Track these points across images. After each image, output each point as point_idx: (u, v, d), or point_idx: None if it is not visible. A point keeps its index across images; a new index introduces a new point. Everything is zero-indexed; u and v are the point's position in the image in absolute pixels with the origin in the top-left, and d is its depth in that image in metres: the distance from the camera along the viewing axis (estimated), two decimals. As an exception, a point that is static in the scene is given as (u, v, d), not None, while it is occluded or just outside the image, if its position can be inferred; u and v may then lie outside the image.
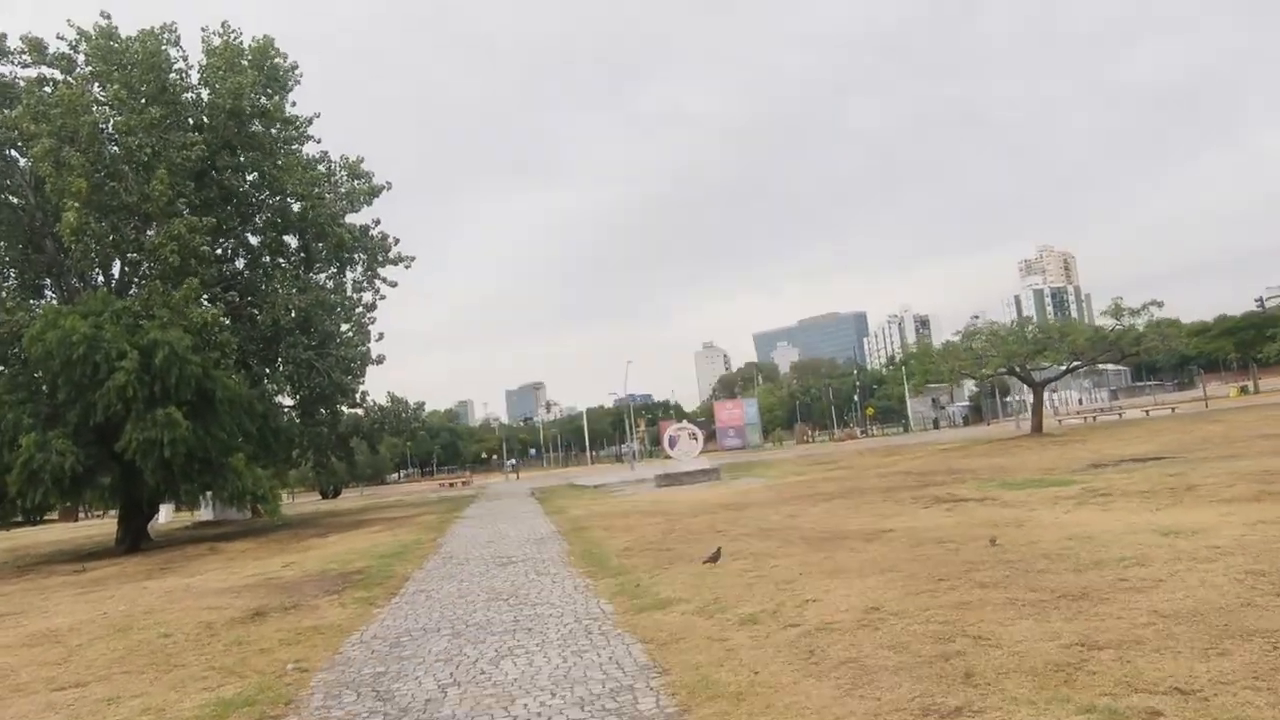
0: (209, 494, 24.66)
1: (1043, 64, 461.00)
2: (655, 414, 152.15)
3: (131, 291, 25.84)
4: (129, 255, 26.18)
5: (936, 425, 75.84)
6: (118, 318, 22.99)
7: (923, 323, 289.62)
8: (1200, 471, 13.82)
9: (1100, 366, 61.81)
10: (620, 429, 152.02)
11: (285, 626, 8.54)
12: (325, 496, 64.23)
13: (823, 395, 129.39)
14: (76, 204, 23.04)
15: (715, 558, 9.63)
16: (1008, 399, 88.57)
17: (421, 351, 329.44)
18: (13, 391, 22.96)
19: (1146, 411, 45.89)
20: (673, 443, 29.44)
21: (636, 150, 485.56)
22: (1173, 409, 45.53)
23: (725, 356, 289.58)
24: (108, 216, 24.45)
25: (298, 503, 60.05)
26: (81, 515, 61.80)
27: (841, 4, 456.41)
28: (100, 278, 26.85)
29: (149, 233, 24.98)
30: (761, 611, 6.96)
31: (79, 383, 22.12)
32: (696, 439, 28.92)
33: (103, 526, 38.94)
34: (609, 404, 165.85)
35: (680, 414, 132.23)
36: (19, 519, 36.19)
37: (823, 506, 14.49)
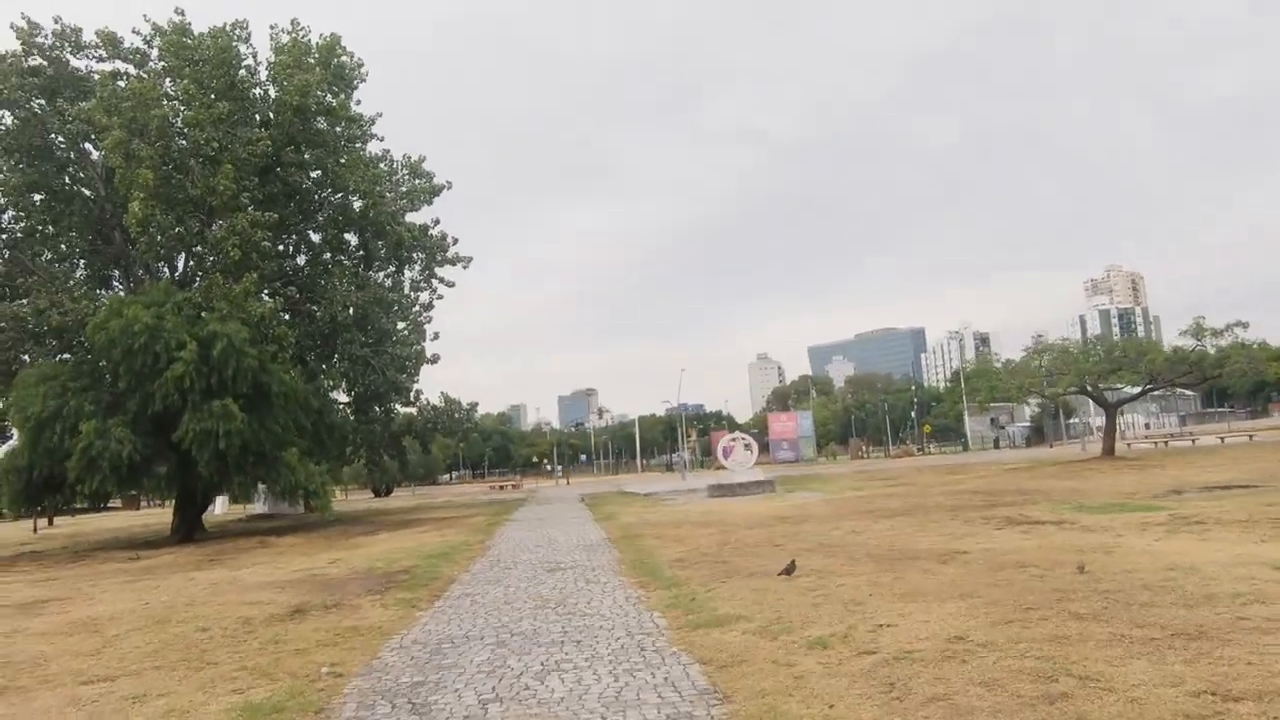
0: (262, 487, 24.65)
1: (1109, 82, 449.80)
2: (707, 424, 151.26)
3: (195, 285, 26.05)
4: (193, 249, 26.45)
5: (996, 445, 73.80)
6: (179, 309, 23.20)
7: (983, 340, 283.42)
8: (1301, 502, 12.81)
9: (1170, 391, 59.50)
10: (671, 438, 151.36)
11: (324, 626, 8.18)
12: (377, 494, 64.81)
13: (878, 411, 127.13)
14: (143, 195, 23.33)
15: (790, 570, 9.03)
16: (1071, 421, 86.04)
17: (477, 354, 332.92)
18: (77, 379, 23.26)
19: (1221, 438, 43.91)
20: (727, 453, 28.79)
21: (698, 165, 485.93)
22: (1250, 436, 43.49)
23: (779, 369, 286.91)
24: (173, 209, 24.70)
25: (350, 500, 60.72)
26: (143, 504, 63.41)
27: (906, 22, 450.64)
28: (165, 270, 27.17)
29: (213, 227, 25.16)
30: (831, 635, 6.36)
31: (139, 372, 22.33)
32: (751, 449, 28.23)
33: (162, 515, 39.64)
34: (660, 412, 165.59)
35: (732, 425, 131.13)
36: (82, 505, 37.14)
37: (886, 523, 13.78)
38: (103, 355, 22.91)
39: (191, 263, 27.27)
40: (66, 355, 25.35)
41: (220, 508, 42.45)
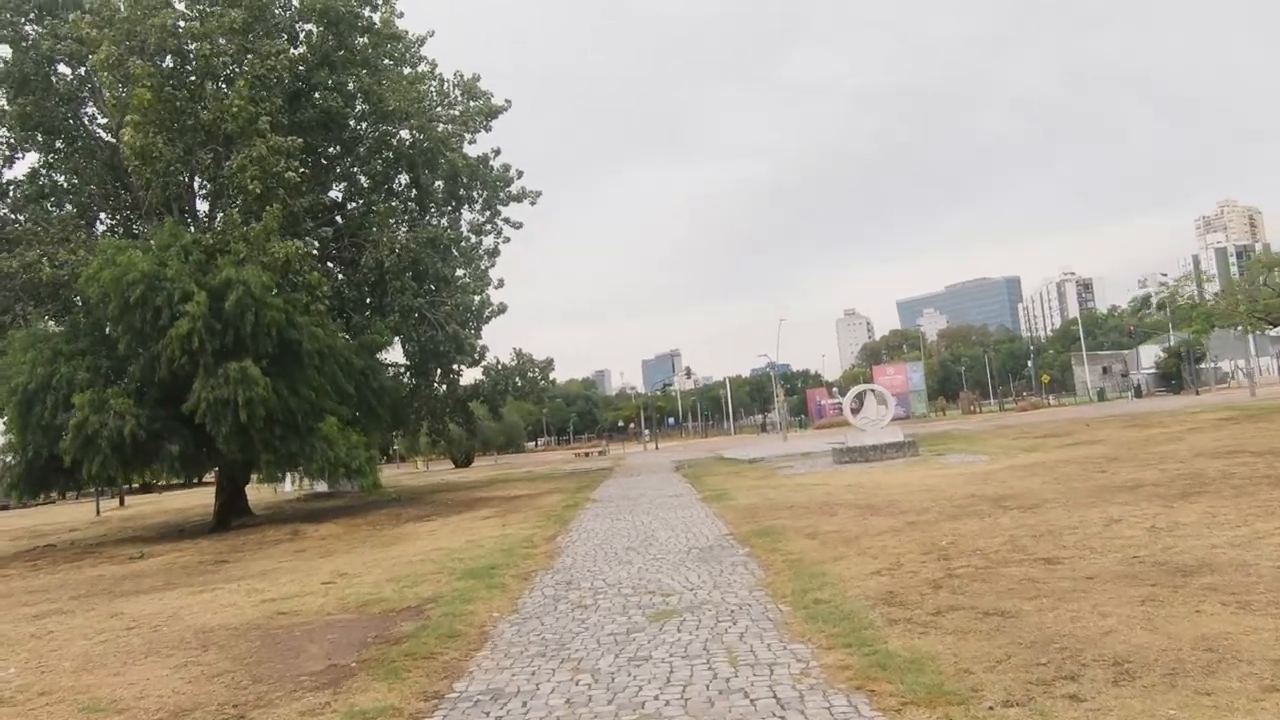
0: (297, 468, 20.58)
1: (1206, 8, 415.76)
2: (794, 383, 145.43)
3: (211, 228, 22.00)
4: (206, 185, 22.42)
5: (1139, 393, 66.31)
6: (186, 254, 19.13)
7: (1085, 287, 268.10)
8: None
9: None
10: (758, 399, 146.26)
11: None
12: (457, 465, 61.56)
13: (982, 363, 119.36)
14: (138, 118, 19.25)
15: None
16: (1202, 365, 77.48)
17: (557, 322, 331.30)
18: (72, 342, 19.51)
19: None
20: (856, 407, 23.62)
21: (777, 120, 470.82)
22: None
23: (868, 324, 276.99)
24: (180, 138, 20.62)
25: (430, 471, 57.43)
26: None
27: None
28: (180, 215, 23.16)
29: (229, 161, 20.96)
30: None
31: (140, 331, 18.40)
32: (887, 403, 22.95)
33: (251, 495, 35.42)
34: (745, 373, 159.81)
35: (819, 383, 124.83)
36: (176, 481, 33.89)
37: (1190, 509, 8.57)
38: (98, 312, 19.06)
39: (220, 203, 23.21)
40: (67, 318, 21.62)
41: (289, 484, 39.21)
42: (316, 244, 22.75)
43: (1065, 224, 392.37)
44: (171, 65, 21.49)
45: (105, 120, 23.49)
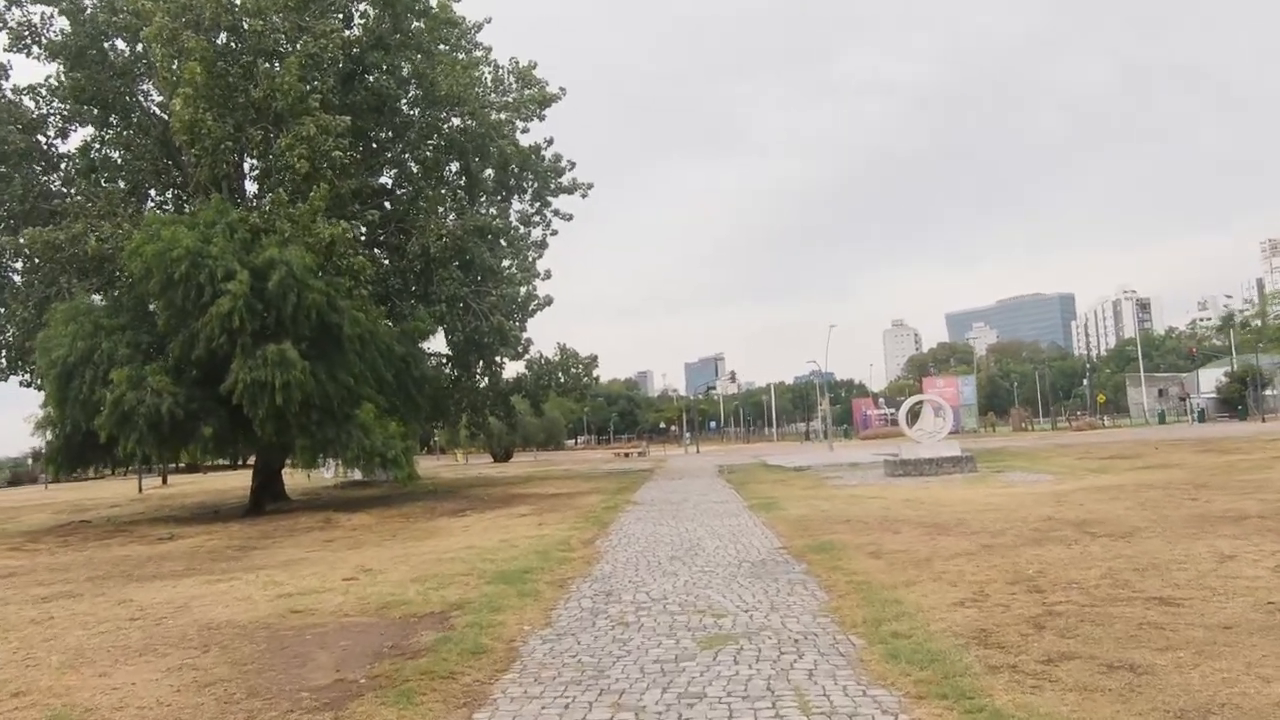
0: (331, 455, 20.12)
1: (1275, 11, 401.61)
2: (838, 393, 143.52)
3: (258, 206, 21.65)
4: (256, 164, 22.10)
5: (1202, 418, 63.87)
6: (231, 231, 18.78)
7: (1143, 306, 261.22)
8: None
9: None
10: (801, 406, 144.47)
11: None
12: (496, 459, 61.28)
13: (1032, 380, 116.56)
14: (188, 91, 18.94)
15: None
16: (1268, 391, 74.47)
17: (602, 320, 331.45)
18: (114, 316, 19.27)
19: None
20: (912, 417, 22.57)
21: (827, 121, 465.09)
22: None
23: (916, 335, 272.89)
24: (231, 114, 20.30)
25: (469, 464, 57.18)
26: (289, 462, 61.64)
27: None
28: (227, 192, 22.87)
29: (278, 140, 20.57)
30: None
31: (181, 308, 18.10)
32: (945, 416, 21.87)
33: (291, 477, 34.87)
34: (789, 380, 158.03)
35: (864, 392, 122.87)
36: (223, 461, 33.61)
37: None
38: (140, 287, 18.78)
39: (255, 184, 22.89)
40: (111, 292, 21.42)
41: (330, 470, 39.02)
42: (364, 228, 22.29)
43: (1123, 238, 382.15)
44: (225, 41, 21.23)
45: (160, 97, 23.32)
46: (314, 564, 10.40)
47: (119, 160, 24.04)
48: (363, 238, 22.33)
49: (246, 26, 20.49)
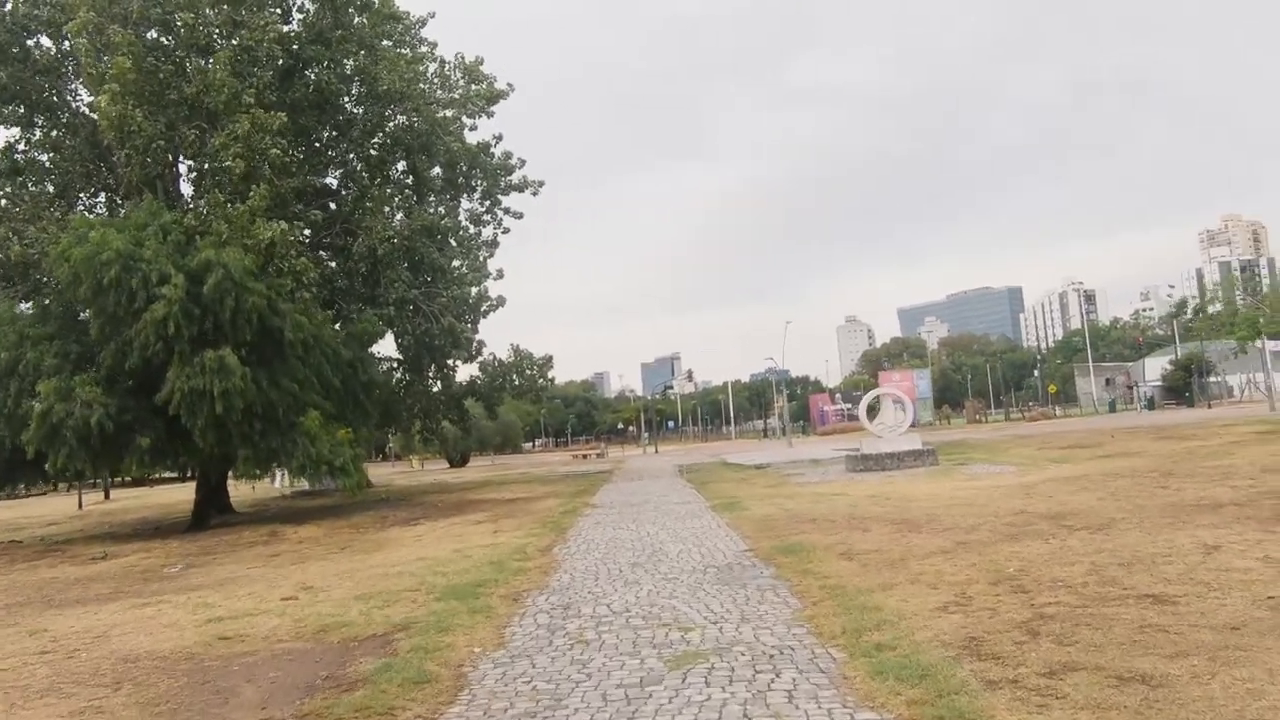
0: (276, 464, 19.28)
1: (1218, 21, 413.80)
2: (794, 389, 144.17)
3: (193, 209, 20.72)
4: (192, 164, 21.17)
5: (1151, 406, 65.05)
6: (165, 233, 17.89)
7: (1088, 298, 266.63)
8: None
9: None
10: (758, 404, 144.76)
11: None
12: (453, 464, 60.22)
13: (983, 372, 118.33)
14: (115, 87, 18.01)
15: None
16: (1206, 379, 76.05)
17: (556, 324, 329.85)
18: (40, 325, 18.28)
19: None
20: (872, 411, 22.33)
21: (782, 125, 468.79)
22: None
23: (869, 331, 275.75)
24: (162, 112, 19.39)
25: (425, 470, 56.02)
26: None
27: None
28: (163, 194, 21.89)
29: (213, 139, 19.68)
30: None
31: (112, 315, 17.17)
32: (905, 408, 21.65)
33: (239, 490, 33.47)
34: (745, 378, 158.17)
35: (819, 389, 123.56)
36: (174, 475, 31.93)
37: None
38: (68, 294, 17.81)
39: (191, 186, 21.95)
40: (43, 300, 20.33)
41: (280, 480, 37.87)
42: (307, 229, 21.48)
43: (1067, 234, 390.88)
44: (155, 37, 20.31)
45: (89, 97, 22.26)
46: (253, 582, 9.75)
47: (46, 163, 22.91)
48: (306, 239, 21.54)
49: (178, 21, 19.58)
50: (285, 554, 13.16)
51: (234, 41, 20.03)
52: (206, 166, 20.67)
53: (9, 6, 21.27)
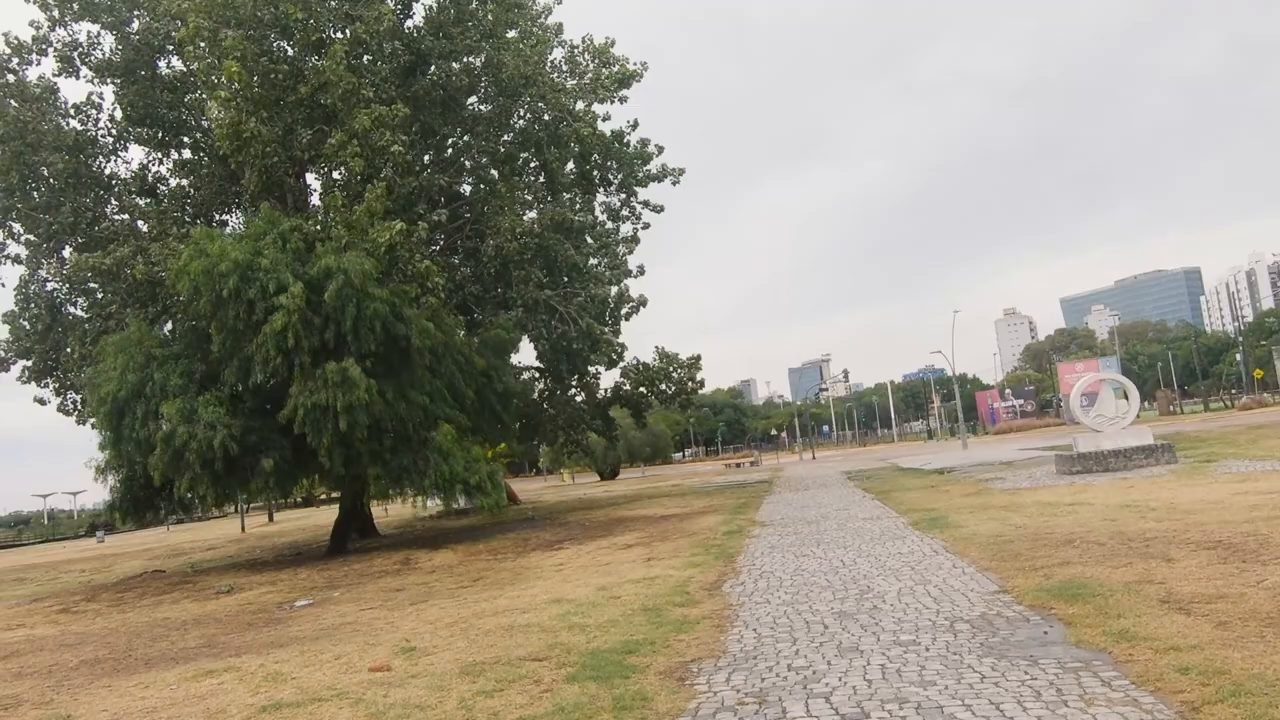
0: (407, 484, 17.69)
1: None
2: (949, 388, 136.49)
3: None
4: (309, 168, 20.14)
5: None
6: (283, 241, 16.71)
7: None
8: None
9: None
10: (912, 405, 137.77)
11: None
12: (602, 478, 58.91)
13: (1162, 360, 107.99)
14: (223, 94, 17.02)
15: None
16: None
17: (698, 332, 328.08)
18: (166, 345, 17.46)
19: None
20: (1086, 401, 18.82)
21: (916, 120, 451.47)
22: None
23: (1030, 323, 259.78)
24: (279, 115, 18.36)
25: (575, 484, 54.84)
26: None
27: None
28: (291, 202, 20.97)
29: (332, 139, 18.46)
30: None
31: (233, 329, 16.08)
32: (1130, 397, 18.01)
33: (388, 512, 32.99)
34: (898, 378, 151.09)
35: (980, 386, 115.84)
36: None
37: None
38: (191, 310, 16.88)
39: (318, 192, 20.94)
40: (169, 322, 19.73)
41: (431, 499, 37.13)
42: (430, 229, 20.02)
43: (1246, 211, 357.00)
44: (269, 39, 19.37)
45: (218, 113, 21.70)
46: (354, 635, 7.83)
47: (188, 186, 22.50)
48: (438, 243, 20.10)
49: (291, 18, 18.51)
50: (410, 588, 11.35)
51: (347, 32, 18.81)
52: (326, 170, 19.62)
53: (135, 25, 20.92)
